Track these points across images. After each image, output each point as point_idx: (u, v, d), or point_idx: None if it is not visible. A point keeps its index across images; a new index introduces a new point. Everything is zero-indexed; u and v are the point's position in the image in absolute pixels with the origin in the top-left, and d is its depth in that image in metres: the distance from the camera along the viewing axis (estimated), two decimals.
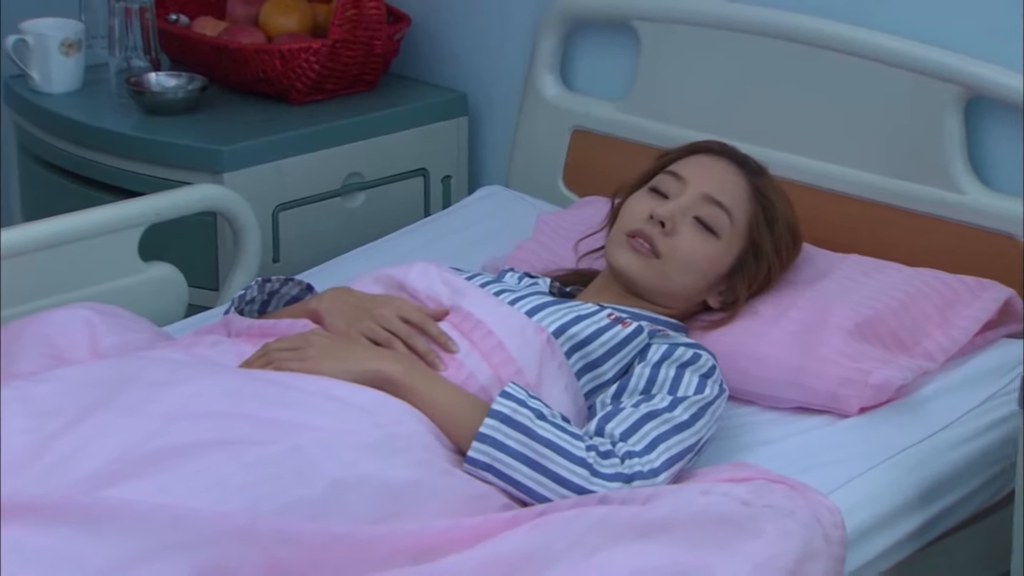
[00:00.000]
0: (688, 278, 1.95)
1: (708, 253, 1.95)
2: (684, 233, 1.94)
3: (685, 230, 1.94)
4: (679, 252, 1.94)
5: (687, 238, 1.94)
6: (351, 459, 1.52)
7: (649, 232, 1.94)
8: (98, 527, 1.36)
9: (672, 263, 1.94)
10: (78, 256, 2.07)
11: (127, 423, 1.49)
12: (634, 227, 1.95)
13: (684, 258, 1.94)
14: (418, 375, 1.68)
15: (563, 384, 1.77)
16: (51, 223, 2.08)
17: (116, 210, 2.14)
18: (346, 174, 2.57)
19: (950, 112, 2.13)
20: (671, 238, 1.94)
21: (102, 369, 1.60)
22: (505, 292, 1.87)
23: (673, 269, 1.94)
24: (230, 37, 2.61)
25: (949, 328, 2.00)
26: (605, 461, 1.66)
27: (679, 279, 1.95)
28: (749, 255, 1.98)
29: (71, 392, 1.55)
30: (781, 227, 2.01)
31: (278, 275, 1.95)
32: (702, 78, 2.40)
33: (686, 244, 1.94)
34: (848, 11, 2.24)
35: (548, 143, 2.60)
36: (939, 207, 2.16)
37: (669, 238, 1.94)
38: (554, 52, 2.58)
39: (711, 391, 1.81)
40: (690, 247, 1.94)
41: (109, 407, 1.51)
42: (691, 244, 1.94)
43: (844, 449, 1.84)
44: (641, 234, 1.94)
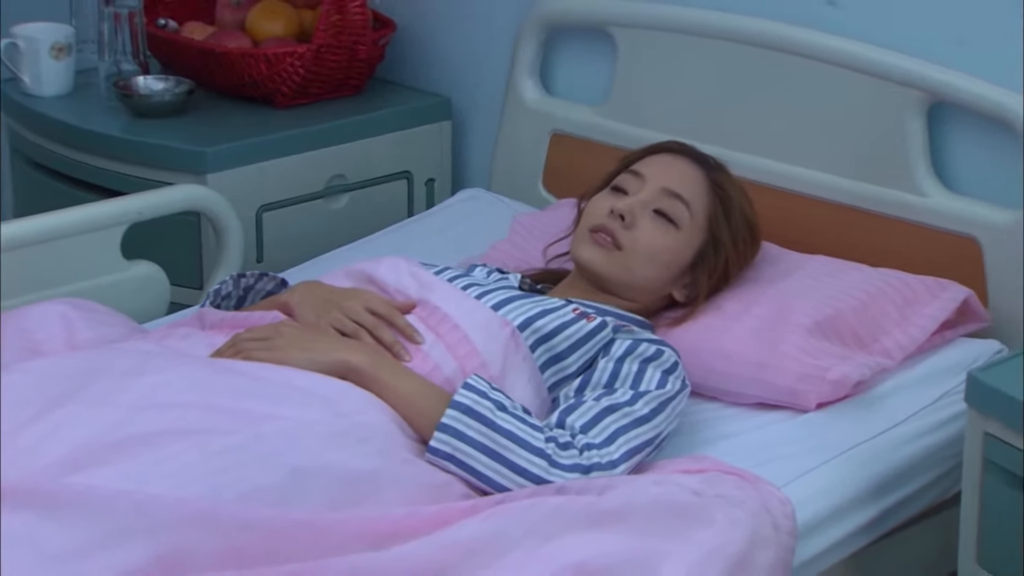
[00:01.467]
0: (650, 269, 2.00)
1: (669, 244, 2.00)
2: (644, 225, 1.99)
3: (645, 222, 2.00)
4: (640, 244, 1.99)
5: (647, 230, 1.99)
6: (313, 448, 1.57)
7: (610, 226, 1.99)
8: (60, 512, 1.41)
9: (634, 255, 1.99)
10: (61, 253, 2.13)
11: (95, 413, 1.54)
12: (596, 223, 2.01)
13: (645, 249, 1.99)
14: (383, 366, 1.74)
15: (527, 376, 1.82)
16: (34, 221, 2.13)
17: (98, 209, 2.20)
18: (329, 176, 2.62)
19: (913, 117, 2.18)
20: (631, 231, 1.99)
21: (73, 361, 1.66)
22: (473, 286, 1.93)
23: (635, 260, 1.99)
24: (217, 42, 2.67)
25: (908, 327, 2.05)
26: (564, 452, 1.71)
27: (642, 270, 2.00)
28: (709, 247, 2.03)
29: (43, 383, 1.60)
30: (738, 219, 2.06)
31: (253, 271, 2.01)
32: (676, 83, 2.45)
33: (646, 236, 1.99)
34: (816, 18, 2.29)
35: (528, 147, 2.65)
36: (902, 209, 2.21)
37: (630, 231, 1.99)
38: (534, 58, 2.63)
39: (672, 387, 1.86)
40: (650, 238, 1.99)
41: (78, 397, 1.56)
42: (651, 236, 1.99)
43: (801, 443, 1.89)
44: (603, 228, 1.99)
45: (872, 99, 2.22)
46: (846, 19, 2.27)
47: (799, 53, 2.29)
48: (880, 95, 2.21)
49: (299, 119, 2.63)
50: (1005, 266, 2.11)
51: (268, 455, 1.54)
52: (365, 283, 1.90)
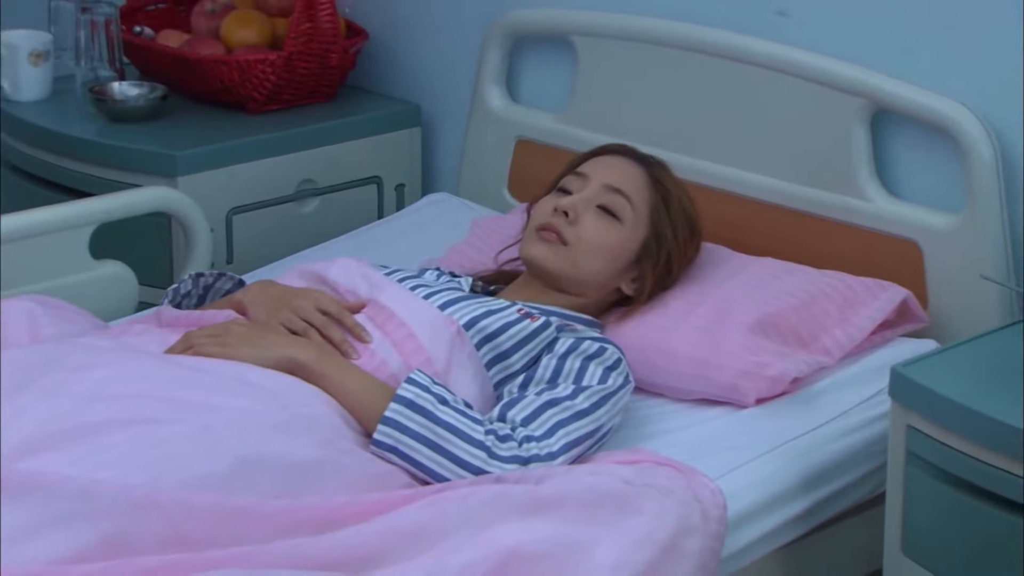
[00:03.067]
0: (596, 263, 2.07)
1: (613, 238, 2.07)
2: (588, 221, 2.07)
3: (589, 218, 2.07)
4: (584, 238, 2.06)
5: (591, 225, 2.06)
6: (258, 438, 1.64)
7: (555, 223, 2.06)
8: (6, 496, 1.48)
9: (579, 249, 2.06)
10: (30, 253, 2.20)
11: (47, 403, 1.61)
12: (542, 221, 2.08)
13: (590, 244, 2.06)
14: (330, 362, 1.81)
15: (471, 373, 1.89)
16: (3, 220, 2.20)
17: (67, 209, 2.27)
18: (299, 180, 2.70)
19: (857, 124, 2.25)
20: (576, 226, 2.06)
21: (30, 354, 1.73)
22: (421, 287, 2.00)
23: (581, 255, 2.06)
24: (191, 49, 2.75)
25: (847, 326, 2.12)
26: (503, 444, 1.78)
27: (588, 264, 2.07)
28: (652, 240, 2.10)
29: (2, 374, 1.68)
30: (677, 213, 2.12)
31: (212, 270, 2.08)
32: (633, 90, 2.52)
33: (590, 230, 2.06)
34: (768, 28, 2.36)
35: (494, 152, 2.72)
36: (847, 213, 2.27)
37: (574, 226, 2.06)
38: (500, 66, 2.71)
39: (614, 382, 1.93)
40: (594, 233, 2.06)
41: (31, 388, 1.64)
42: (595, 230, 2.06)
43: (738, 438, 1.96)
44: (548, 226, 2.07)
45: (819, 106, 2.29)
46: (795, 29, 2.34)
47: (751, 62, 2.36)
48: (826, 103, 2.28)
49: (270, 124, 2.70)
50: (944, 268, 2.18)
51: (213, 444, 1.61)
52: (317, 283, 1.97)
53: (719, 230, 2.28)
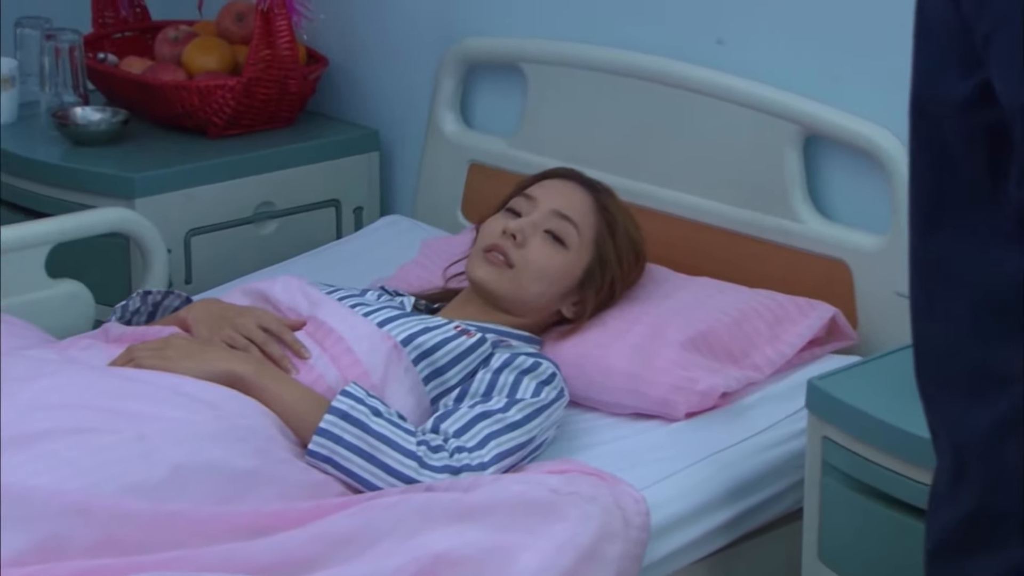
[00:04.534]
0: (540, 286, 2.14)
1: (558, 263, 2.14)
2: (535, 245, 2.14)
3: (536, 242, 2.14)
4: (530, 262, 2.13)
5: (538, 249, 2.13)
6: (193, 447, 1.71)
7: (503, 245, 2.13)
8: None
9: (524, 272, 2.13)
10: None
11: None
12: (489, 242, 2.15)
13: (535, 267, 2.13)
14: (267, 376, 1.88)
15: (407, 387, 1.96)
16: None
17: (23, 229, 2.34)
18: (257, 203, 2.77)
19: (790, 148, 2.33)
20: (522, 249, 2.13)
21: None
22: (361, 305, 2.07)
23: (526, 278, 2.13)
24: (153, 75, 2.82)
25: (777, 343, 2.19)
26: (435, 455, 1.85)
27: (532, 287, 2.14)
28: (596, 266, 2.17)
29: None
30: (623, 239, 2.20)
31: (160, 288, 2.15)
32: (579, 115, 2.60)
33: (536, 254, 2.13)
34: (706, 56, 2.44)
35: (448, 176, 2.80)
36: (781, 235, 2.35)
37: (521, 249, 2.13)
38: (453, 92, 2.78)
39: (547, 396, 2.00)
40: (540, 257, 2.13)
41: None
42: (541, 254, 2.13)
43: (668, 450, 2.03)
44: (496, 247, 2.14)
45: (754, 131, 2.37)
46: (733, 57, 2.42)
47: (691, 89, 2.44)
48: (761, 128, 2.36)
49: (229, 148, 2.78)
50: (872, 287, 2.26)
51: (149, 452, 1.68)
52: (260, 301, 2.04)
53: (658, 250, 2.35)
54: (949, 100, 1.13)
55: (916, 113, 1.20)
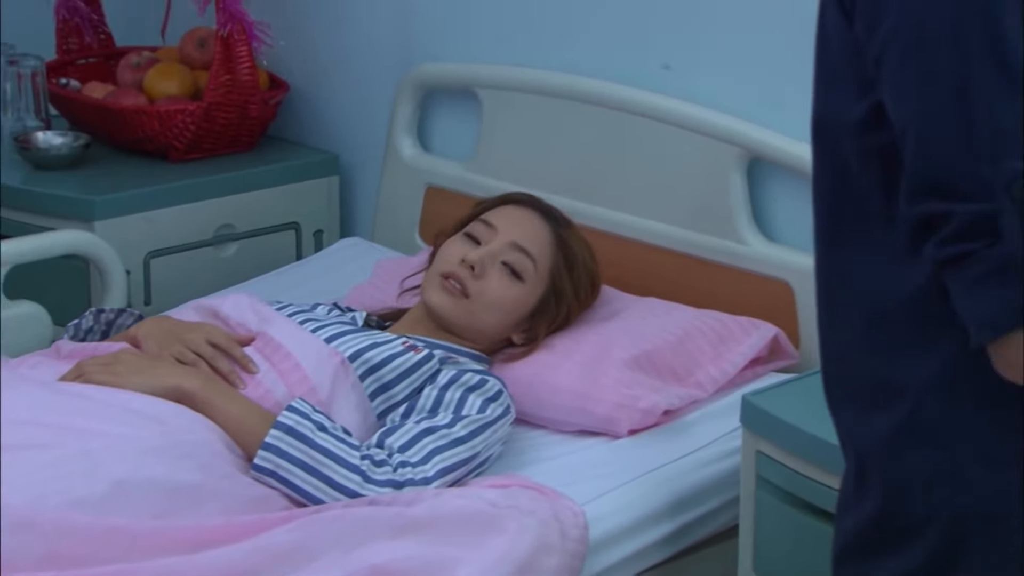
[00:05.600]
0: (494, 317, 2.19)
1: (513, 295, 2.19)
2: (492, 276, 2.18)
3: (493, 273, 2.18)
4: (487, 294, 2.17)
5: (495, 281, 2.18)
6: (136, 462, 1.75)
7: (461, 275, 2.18)
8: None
9: (480, 303, 2.17)
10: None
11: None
12: (447, 269, 2.19)
13: (491, 299, 2.18)
14: (215, 391, 1.92)
15: (354, 402, 2.01)
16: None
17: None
18: (217, 225, 2.81)
19: (735, 171, 2.38)
20: (480, 280, 2.18)
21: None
22: (310, 321, 2.11)
23: (480, 308, 2.18)
24: (114, 100, 2.87)
25: (721, 362, 2.24)
26: (378, 469, 1.89)
27: (485, 317, 2.18)
28: (551, 298, 2.22)
29: None
30: (580, 272, 2.25)
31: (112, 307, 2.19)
32: (532, 139, 2.65)
33: (493, 286, 2.18)
34: (654, 81, 2.49)
35: (406, 199, 2.85)
36: (726, 256, 2.40)
37: (478, 280, 2.18)
38: (411, 117, 2.83)
39: (493, 412, 2.04)
40: (497, 289, 2.18)
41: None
42: (498, 287, 2.18)
43: (610, 466, 2.07)
44: (453, 276, 2.18)
45: (700, 155, 2.42)
46: (680, 82, 2.47)
47: (639, 113, 2.50)
48: (707, 151, 2.41)
49: (190, 172, 2.82)
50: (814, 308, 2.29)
51: (93, 467, 1.71)
52: (210, 318, 2.08)
53: (608, 271, 2.40)
54: (846, 120, 1.18)
55: (816, 132, 1.25)
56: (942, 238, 1.10)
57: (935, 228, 1.10)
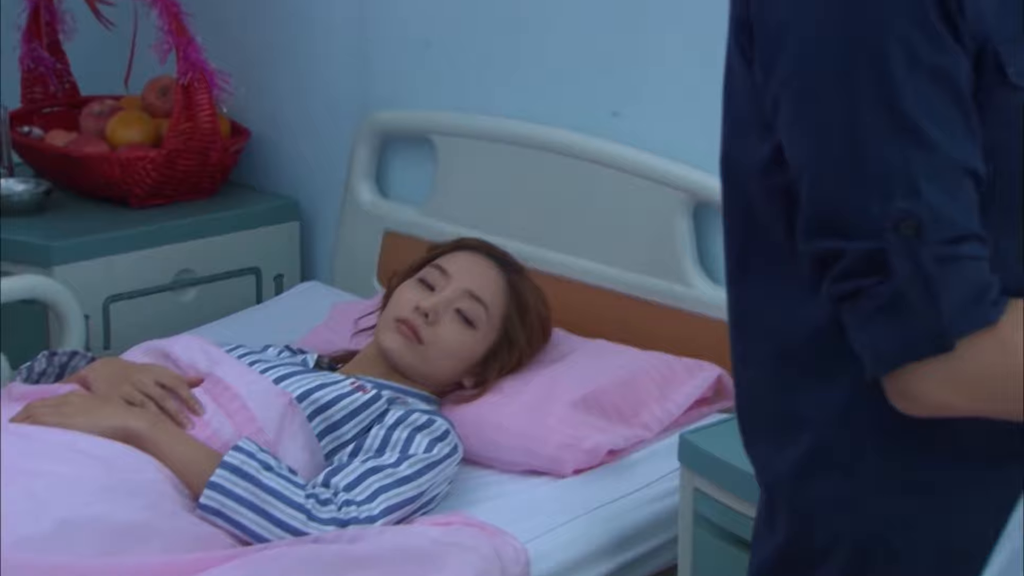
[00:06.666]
0: (446, 363, 2.23)
1: (465, 342, 2.23)
2: (445, 324, 2.22)
3: (447, 321, 2.23)
4: (440, 340, 2.22)
5: (447, 328, 2.22)
6: (81, 501, 1.78)
7: (415, 321, 2.22)
8: None
9: (433, 349, 2.22)
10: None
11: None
12: (402, 315, 2.24)
13: (444, 346, 2.22)
14: (162, 431, 1.95)
15: (301, 442, 2.04)
16: None
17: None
18: (177, 270, 2.85)
19: (681, 215, 2.43)
20: (433, 327, 2.22)
21: None
22: (260, 362, 2.15)
23: (433, 354, 2.22)
24: (76, 147, 2.91)
25: (666, 402, 2.28)
26: (323, 507, 1.93)
27: (438, 363, 2.23)
28: (503, 344, 2.26)
29: None
30: (532, 318, 2.30)
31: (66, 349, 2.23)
32: (484, 184, 2.70)
33: (446, 334, 2.22)
34: (604, 128, 2.54)
35: (364, 244, 2.89)
36: (672, 299, 2.44)
37: (432, 327, 2.22)
38: (368, 163, 2.88)
39: (440, 452, 2.08)
40: (450, 337, 2.22)
41: None
42: (451, 334, 2.22)
43: (554, 504, 2.11)
44: (407, 322, 2.22)
45: (647, 200, 2.47)
46: (628, 129, 2.53)
47: (588, 159, 2.55)
48: (654, 196, 2.46)
49: (150, 218, 2.86)
50: None
51: (37, 507, 1.75)
52: (160, 359, 2.12)
53: (557, 313, 2.44)
54: (750, 161, 1.23)
55: (724, 172, 1.30)
56: (836, 275, 1.14)
57: (829, 265, 1.14)
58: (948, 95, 1.12)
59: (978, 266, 1.12)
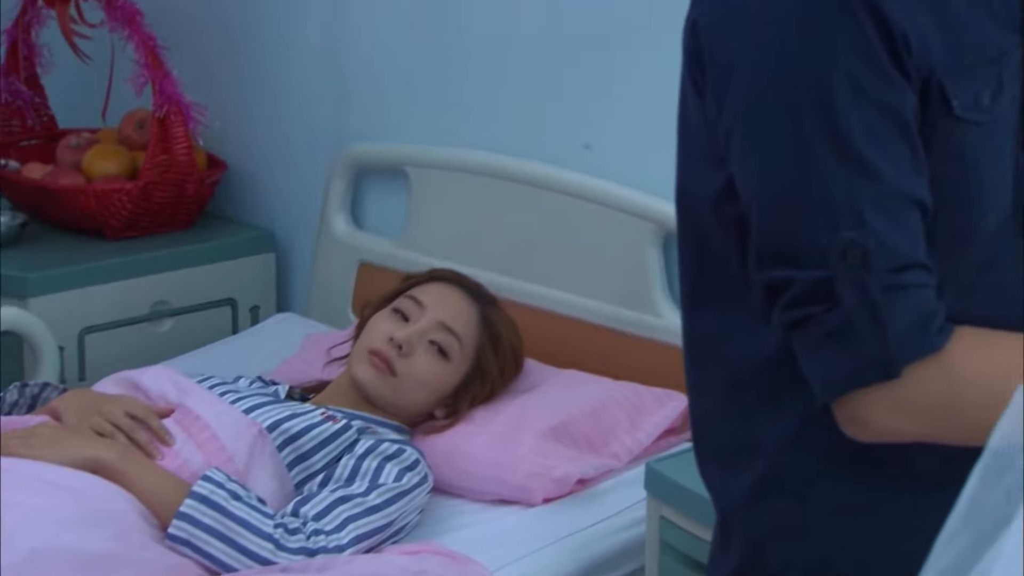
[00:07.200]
0: (419, 394, 2.25)
1: (439, 374, 2.25)
2: (419, 355, 2.24)
3: (420, 352, 2.24)
4: (413, 372, 2.23)
5: (421, 360, 2.24)
6: (50, 531, 1.79)
7: (388, 353, 2.24)
8: None
9: (406, 381, 2.23)
10: None
11: None
12: (375, 346, 2.25)
13: (417, 377, 2.24)
14: (131, 461, 1.96)
15: (271, 472, 2.05)
16: None
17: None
18: (153, 301, 2.86)
19: (651, 246, 2.45)
20: (407, 359, 2.23)
21: None
22: (230, 393, 2.16)
23: (407, 386, 2.24)
24: (52, 179, 2.93)
25: (635, 432, 2.29)
26: (292, 537, 1.94)
27: (411, 395, 2.24)
28: (476, 376, 2.28)
29: None
30: (505, 350, 2.32)
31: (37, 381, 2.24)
32: (458, 215, 2.73)
33: (420, 365, 2.24)
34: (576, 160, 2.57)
35: (339, 275, 2.91)
36: (643, 329, 2.46)
37: (405, 359, 2.23)
38: (344, 195, 2.91)
39: (409, 481, 2.09)
40: (423, 368, 2.24)
41: None
42: (424, 366, 2.24)
43: (524, 533, 2.12)
44: (381, 353, 2.24)
45: (618, 231, 2.49)
46: (599, 162, 2.55)
47: (560, 191, 2.57)
48: (625, 227, 2.48)
49: (126, 249, 2.88)
50: None
51: (7, 538, 1.75)
52: (131, 390, 2.13)
53: (530, 344, 2.45)
54: (704, 191, 1.25)
55: (679, 202, 1.32)
56: (786, 303, 1.16)
57: (780, 293, 1.16)
58: (894, 127, 1.14)
59: (924, 294, 1.14)
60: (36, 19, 3.04)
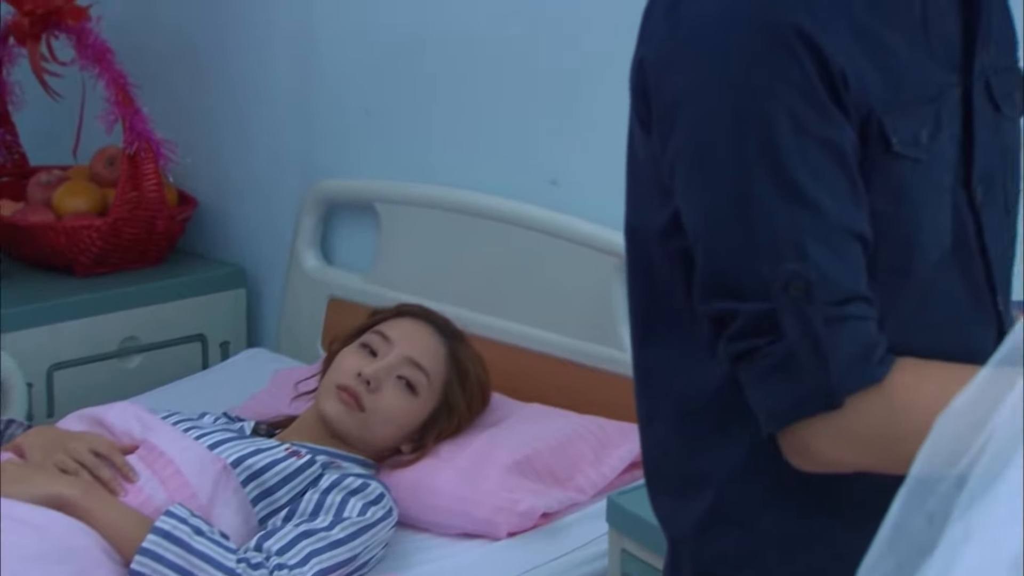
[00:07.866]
0: (387, 430, 2.26)
1: (406, 409, 2.26)
2: (387, 391, 2.25)
3: (388, 388, 2.25)
4: (381, 408, 2.24)
5: (389, 396, 2.25)
6: (13, 569, 1.79)
7: (356, 388, 2.25)
8: None
9: (374, 416, 2.24)
10: None
11: None
12: (343, 382, 2.26)
13: (385, 413, 2.25)
14: (94, 498, 1.97)
15: (235, 507, 2.06)
16: None
17: None
18: (122, 338, 2.87)
19: (615, 281, 2.47)
20: (375, 395, 2.25)
21: None
22: (194, 429, 2.17)
23: (374, 421, 2.24)
24: (22, 216, 2.94)
25: (600, 466, 2.30)
26: (255, 572, 1.94)
27: (378, 430, 2.25)
28: (443, 411, 2.29)
29: None
30: (472, 385, 2.33)
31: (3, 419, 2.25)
32: (426, 251, 2.74)
33: (388, 401, 2.25)
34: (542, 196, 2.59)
35: (309, 311, 2.92)
36: (608, 363, 2.48)
37: (373, 395, 2.24)
38: (314, 230, 2.92)
39: (373, 515, 2.10)
40: (391, 404, 2.25)
41: None
42: (392, 401, 2.25)
43: (488, 566, 2.14)
44: (349, 389, 2.25)
45: (584, 266, 2.51)
46: (565, 197, 2.57)
47: (527, 226, 2.59)
48: (590, 262, 2.50)
49: (95, 285, 2.89)
50: None
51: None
52: (95, 426, 2.14)
53: (496, 378, 2.46)
54: (651, 226, 1.27)
55: (628, 237, 1.34)
56: (731, 335, 1.18)
57: (726, 325, 1.18)
58: (835, 162, 1.16)
59: (865, 326, 1.16)
60: (7, 57, 3.06)
